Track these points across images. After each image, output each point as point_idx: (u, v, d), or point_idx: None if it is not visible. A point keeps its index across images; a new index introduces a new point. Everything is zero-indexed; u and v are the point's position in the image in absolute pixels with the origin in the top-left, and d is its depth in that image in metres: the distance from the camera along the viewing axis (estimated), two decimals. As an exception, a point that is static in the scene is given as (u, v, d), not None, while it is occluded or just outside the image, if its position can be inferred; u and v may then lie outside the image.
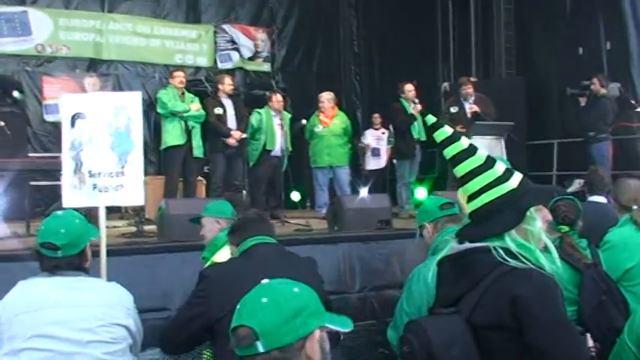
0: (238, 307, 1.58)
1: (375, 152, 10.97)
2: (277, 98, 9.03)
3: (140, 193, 3.89)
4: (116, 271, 3.96)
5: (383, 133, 10.94)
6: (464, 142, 2.26)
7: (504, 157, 8.41)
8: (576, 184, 6.28)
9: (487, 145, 8.47)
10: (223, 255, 3.67)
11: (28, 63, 11.23)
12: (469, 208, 2.22)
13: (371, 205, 6.93)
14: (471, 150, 2.24)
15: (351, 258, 6.22)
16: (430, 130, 2.29)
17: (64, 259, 2.79)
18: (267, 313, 1.55)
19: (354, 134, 10.33)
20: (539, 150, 10.25)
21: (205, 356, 3.32)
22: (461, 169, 2.24)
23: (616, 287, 3.57)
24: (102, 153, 3.80)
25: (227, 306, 2.82)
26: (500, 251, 2.08)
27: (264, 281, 1.64)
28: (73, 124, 3.84)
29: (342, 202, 6.92)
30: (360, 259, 6.25)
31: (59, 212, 2.95)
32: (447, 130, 2.27)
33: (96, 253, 3.57)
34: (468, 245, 2.16)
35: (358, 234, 6.52)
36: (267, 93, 9.53)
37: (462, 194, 3.75)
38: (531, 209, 2.16)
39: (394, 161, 9.91)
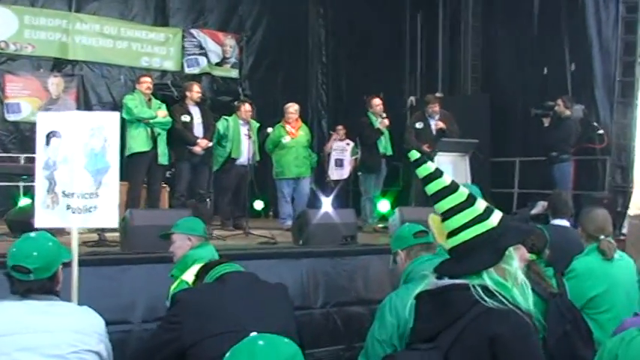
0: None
1: (339, 163, 10.98)
2: (246, 108, 9.00)
3: (114, 216, 3.83)
4: (79, 281, 3.90)
5: (347, 144, 10.97)
6: (446, 179, 2.29)
7: (469, 173, 8.57)
8: (539, 207, 6.38)
9: (452, 162, 8.60)
10: (192, 274, 3.63)
11: (-9, 60, 11.01)
12: (449, 244, 2.24)
13: (337, 220, 6.94)
14: (453, 187, 2.27)
15: (315, 273, 6.22)
16: (413, 165, 2.30)
17: (36, 283, 2.73)
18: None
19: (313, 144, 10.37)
20: (501, 167, 10.38)
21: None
22: (443, 206, 2.26)
23: (581, 317, 3.63)
24: (76, 173, 3.74)
25: (201, 333, 2.83)
26: (479, 289, 2.10)
27: (253, 334, 1.63)
28: (47, 143, 3.76)
29: (308, 217, 6.91)
30: (324, 274, 6.25)
31: (32, 234, 2.87)
32: (429, 167, 2.29)
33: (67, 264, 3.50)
34: (447, 281, 2.18)
35: (323, 249, 6.53)
36: (236, 102, 9.48)
37: (435, 222, 3.80)
38: (510, 248, 2.20)
39: (359, 174, 9.92)
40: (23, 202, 8.17)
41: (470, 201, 2.24)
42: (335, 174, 10.83)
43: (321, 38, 14.24)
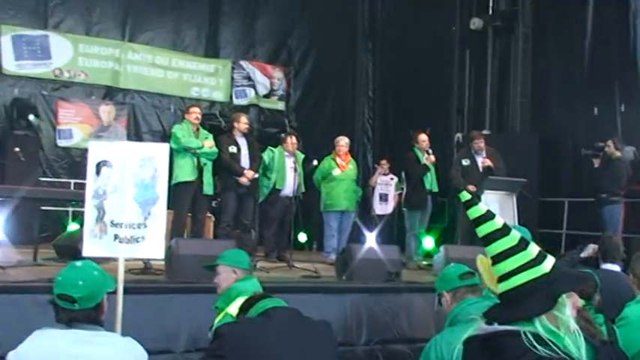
0: None
1: (383, 197, 10.92)
2: (292, 140, 9.07)
3: (161, 247, 3.84)
4: (122, 308, 3.92)
5: (391, 178, 10.92)
6: (498, 221, 2.23)
7: (516, 213, 8.43)
8: (590, 250, 6.22)
9: (499, 201, 8.48)
10: (237, 307, 3.61)
11: (45, 87, 11.30)
12: (500, 289, 2.18)
13: (381, 256, 6.88)
14: (505, 230, 2.21)
15: (358, 309, 6.15)
16: (464, 205, 2.25)
17: (81, 312, 2.73)
18: None
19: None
20: (550, 208, 10.21)
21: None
22: (494, 249, 2.20)
23: (632, 366, 3.50)
24: (126, 203, 3.76)
25: (243, 368, 2.81)
26: (530, 337, 2.04)
27: None
28: (98, 172, 3.80)
29: (353, 251, 6.87)
30: (367, 310, 6.19)
31: (78, 263, 2.88)
32: (481, 208, 2.24)
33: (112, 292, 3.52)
34: (497, 327, 2.12)
35: (367, 285, 6.47)
36: (283, 135, 9.54)
37: (484, 264, 3.73)
38: (563, 295, 2.13)
39: (404, 210, 9.85)
40: (72, 227, 8.30)
41: (522, 245, 2.19)
42: (379, 209, 10.78)
43: (368, 72, 14.29)
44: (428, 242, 9.66)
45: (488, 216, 2.23)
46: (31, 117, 10.46)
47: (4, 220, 7.33)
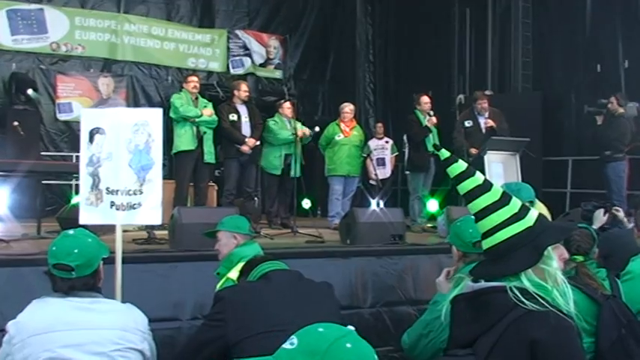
0: None
1: (380, 162, 10.88)
2: (287, 106, 9.01)
3: (158, 213, 3.79)
4: (128, 278, 3.90)
5: (386, 142, 10.88)
6: (479, 177, 2.19)
7: (519, 172, 8.39)
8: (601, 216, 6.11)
9: (502, 161, 8.43)
10: (238, 272, 3.60)
11: (43, 61, 11.26)
12: (484, 245, 2.15)
13: (385, 219, 6.85)
14: (487, 185, 2.17)
15: (363, 272, 6.14)
16: (444, 164, 2.21)
17: (79, 280, 2.74)
18: None
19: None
20: (553, 167, 10.16)
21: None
22: (476, 205, 2.16)
23: (636, 321, 3.48)
24: (120, 170, 3.71)
25: (244, 331, 2.80)
26: (517, 292, 2.01)
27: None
28: (91, 139, 3.75)
29: (356, 216, 6.84)
30: (373, 273, 6.17)
31: (71, 231, 2.86)
32: (461, 165, 2.20)
33: (111, 260, 3.51)
34: (483, 285, 2.09)
35: (372, 248, 6.44)
36: (278, 102, 9.49)
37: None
38: (549, 248, 2.10)
39: (407, 173, 9.81)
40: (75, 200, 8.27)
41: (504, 200, 2.14)
42: (378, 173, 10.75)
43: (368, 36, 14.15)
44: (432, 205, 9.62)
45: (469, 172, 2.19)
46: (30, 91, 10.42)
47: (7, 195, 7.33)
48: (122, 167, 3.71)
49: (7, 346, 2.58)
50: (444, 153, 2.23)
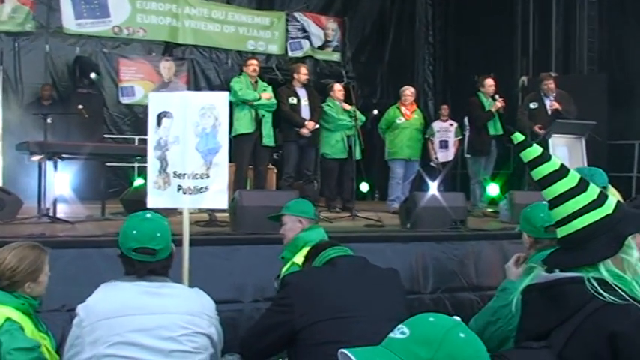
0: None
1: (443, 144, 10.75)
2: (338, 88, 8.98)
3: (224, 197, 3.79)
4: (190, 260, 3.93)
5: (451, 125, 10.71)
6: (555, 162, 2.09)
7: (585, 156, 8.17)
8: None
9: (567, 145, 8.23)
10: (303, 256, 3.58)
11: (106, 45, 11.39)
12: (559, 233, 2.06)
13: (445, 204, 6.76)
14: (563, 171, 2.07)
15: (424, 258, 6.07)
16: (517, 147, 2.10)
17: (159, 263, 2.76)
18: None
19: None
20: (620, 151, 9.88)
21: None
22: (551, 192, 2.06)
23: None
24: (188, 153, 3.71)
25: (311, 317, 2.78)
26: (594, 283, 1.93)
27: None
28: (159, 123, 3.76)
29: (416, 200, 6.77)
30: (433, 258, 6.10)
31: (147, 215, 2.87)
32: (536, 149, 2.10)
33: (178, 244, 3.54)
34: (558, 275, 2.00)
35: (432, 233, 6.37)
36: (329, 84, 9.44)
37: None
38: (628, 237, 2.00)
39: (467, 157, 9.66)
40: (138, 182, 8.43)
41: (582, 186, 2.04)
42: (440, 156, 10.63)
43: (428, 17, 13.95)
44: (492, 189, 9.48)
45: (545, 157, 2.09)
46: (93, 75, 10.60)
47: (72, 177, 7.49)
48: (189, 151, 3.71)
49: (78, 329, 2.61)
50: (518, 136, 2.14)
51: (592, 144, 8.41)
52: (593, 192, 2.03)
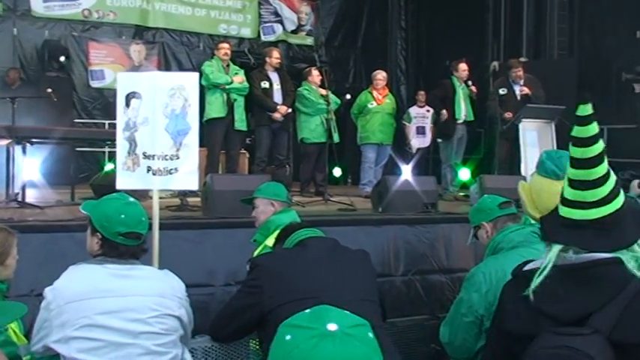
0: None
1: (420, 130, 10.80)
2: (316, 73, 8.94)
3: (195, 178, 3.78)
4: (161, 245, 3.92)
5: (427, 110, 10.75)
6: (602, 144, 2.07)
7: (554, 140, 8.26)
8: (635, 187, 5.99)
9: (537, 129, 8.32)
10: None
11: (75, 28, 11.22)
12: (593, 214, 2.03)
13: (417, 188, 6.80)
14: (604, 153, 2.07)
15: (396, 241, 6.11)
16: (579, 120, 1.96)
17: (139, 247, 2.78)
18: None
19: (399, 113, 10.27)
20: (589, 135, 9.96)
21: (252, 345, 3.25)
22: (596, 172, 1.99)
23: None
24: (157, 134, 3.68)
25: (280, 298, 2.79)
26: (633, 263, 1.89)
27: None
28: (127, 104, 3.72)
29: (388, 184, 6.80)
30: (405, 242, 6.14)
31: (130, 199, 2.85)
32: (595, 127, 2.05)
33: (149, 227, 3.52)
34: (594, 256, 1.93)
35: (404, 217, 6.41)
36: (306, 69, 9.40)
37: (525, 191, 3.63)
38: None
39: (438, 141, 9.73)
40: (108, 167, 8.35)
41: (609, 169, 2.05)
42: (417, 142, 10.69)
43: (400, 2, 13.94)
44: (464, 173, 9.56)
45: (598, 137, 2.07)
46: (63, 58, 10.46)
47: (41, 162, 7.40)
48: (159, 132, 3.68)
49: (45, 312, 2.60)
50: (587, 108, 2.08)
51: (562, 128, 8.50)
52: (614, 175, 2.03)
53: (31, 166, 6.96)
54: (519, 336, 1.95)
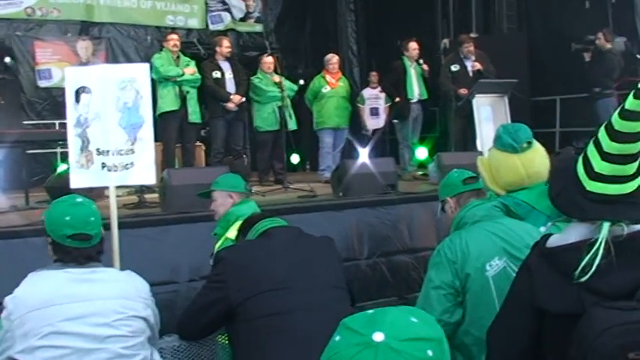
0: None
1: (374, 112, 10.79)
2: (269, 60, 8.86)
3: (152, 172, 3.69)
4: (122, 244, 3.84)
5: (380, 91, 10.75)
6: None
7: (508, 114, 8.34)
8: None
9: (490, 103, 8.39)
10: (236, 231, 3.54)
11: (18, 27, 10.92)
12: (627, 189, 1.91)
13: (376, 170, 6.80)
14: None
15: (358, 224, 6.12)
16: (636, 93, 1.86)
17: (94, 249, 2.66)
18: None
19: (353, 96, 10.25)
20: (542, 107, 10.09)
21: (221, 340, 3.21)
22: (638, 146, 2.01)
23: None
24: (110, 129, 3.58)
25: (247, 291, 2.76)
26: None
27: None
28: (77, 99, 3.61)
29: (347, 167, 6.79)
30: (367, 224, 6.16)
31: (78, 199, 2.73)
32: None
33: (107, 227, 3.44)
34: (636, 227, 1.90)
35: (365, 200, 6.41)
36: (259, 56, 9.33)
37: (484, 166, 3.63)
38: None
39: (395, 121, 9.74)
40: (61, 167, 8.17)
41: None
42: (371, 124, 10.69)
43: (348, -16, 13.88)
44: (421, 152, 9.59)
45: None
46: (8, 59, 10.20)
47: (-8, 167, 7.22)
48: (111, 127, 3.58)
49: (7, 322, 2.51)
50: None
51: (515, 101, 8.57)
52: None
53: (-19, 173, 6.78)
54: (559, 314, 1.91)
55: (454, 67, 8.83)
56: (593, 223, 1.92)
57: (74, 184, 3.67)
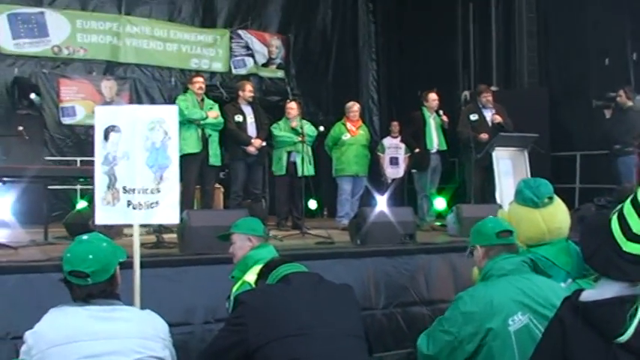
0: None
1: (394, 161, 10.81)
2: (292, 106, 8.95)
3: (176, 212, 3.72)
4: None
5: (401, 141, 10.78)
6: None
7: (528, 168, 8.32)
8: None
9: (511, 157, 8.36)
10: (254, 274, 3.52)
11: (45, 65, 11.14)
12: None
13: (394, 219, 6.78)
14: None
15: (375, 273, 6.07)
16: None
17: (95, 287, 2.65)
18: None
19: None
20: (562, 162, 10.08)
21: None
22: None
23: None
24: (137, 168, 3.63)
25: (266, 335, 2.73)
26: None
27: None
28: (106, 137, 3.66)
29: (366, 215, 6.77)
30: (384, 274, 6.10)
31: (84, 237, 2.77)
32: None
33: (128, 265, 3.44)
34: None
35: (382, 248, 6.38)
36: (284, 101, 9.43)
37: (504, 217, 3.61)
38: None
39: (413, 171, 9.74)
40: (80, 204, 8.22)
41: None
42: (390, 172, 10.70)
43: (370, 34, 14.09)
44: (439, 203, 9.58)
45: None
46: (33, 96, 10.35)
47: (13, 201, 7.27)
48: (139, 166, 3.64)
49: (27, 357, 2.50)
50: None
51: (535, 156, 8.56)
52: None
53: (2, 206, 6.83)
54: None
55: (473, 117, 8.82)
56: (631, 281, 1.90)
57: (99, 220, 3.70)
